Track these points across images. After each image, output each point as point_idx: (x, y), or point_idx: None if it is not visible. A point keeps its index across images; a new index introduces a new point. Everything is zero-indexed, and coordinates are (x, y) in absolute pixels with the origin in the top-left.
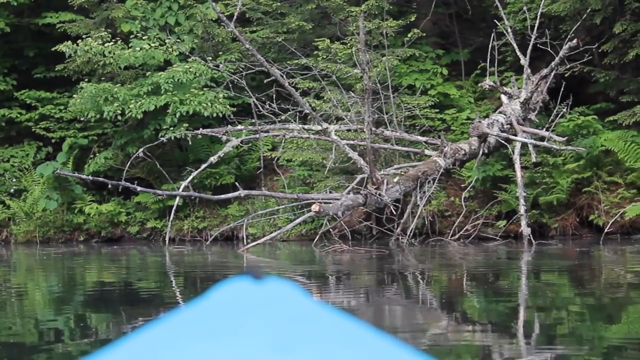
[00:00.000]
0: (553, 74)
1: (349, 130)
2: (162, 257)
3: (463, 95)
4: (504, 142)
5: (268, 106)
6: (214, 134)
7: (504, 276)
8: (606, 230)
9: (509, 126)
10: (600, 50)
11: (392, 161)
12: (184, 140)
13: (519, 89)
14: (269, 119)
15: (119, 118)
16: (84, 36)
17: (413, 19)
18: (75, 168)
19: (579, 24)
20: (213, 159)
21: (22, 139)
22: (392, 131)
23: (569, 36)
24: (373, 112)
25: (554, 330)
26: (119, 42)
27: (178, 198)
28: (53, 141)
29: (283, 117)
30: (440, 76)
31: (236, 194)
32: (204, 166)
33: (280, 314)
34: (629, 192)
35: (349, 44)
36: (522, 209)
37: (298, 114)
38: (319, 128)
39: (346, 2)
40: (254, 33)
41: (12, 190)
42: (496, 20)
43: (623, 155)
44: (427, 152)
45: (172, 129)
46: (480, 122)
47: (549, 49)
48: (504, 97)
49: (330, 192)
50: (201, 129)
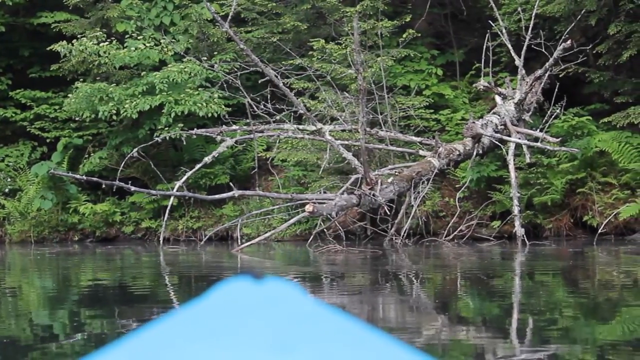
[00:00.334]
0: (547, 74)
1: (343, 131)
2: (156, 257)
3: (458, 96)
4: (498, 142)
5: (263, 106)
6: (208, 134)
7: (497, 276)
8: (600, 231)
9: (503, 127)
10: (594, 51)
11: (387, 161)
12: (179, 141)
13: (513, 89)
14: (264, 119)
15: (114, 118)
16: (79, 36)
17: (408, 19)
18: (70, 168)
19: (573, 24)
20: (207, 159)
21: (17, 138)
22: (387, 131)
23: (564, 37)
24: (368, 112)
25: (547, 331)
26: (114, 42)
27: (172, 198)
28: (48, 141)
29: (278, 118)
30: (435, 77)
31: (230, 194)
32: (198, 166)
33: (280, 314)
34: (623, 193)
35: (343, 44)
36: (516, 209)
37: (293, 114)
38: (314, 128)
39: (341, 2)
40: (249, 33)
41: (6, 190)
42: (491, 21)
43: (617, 156)
44: (421, 152)
45: (167, 129)
46: (474, 122)
47: (544, 49)
48: (498, 98)
49: (324, 192)
50: (196, 129)
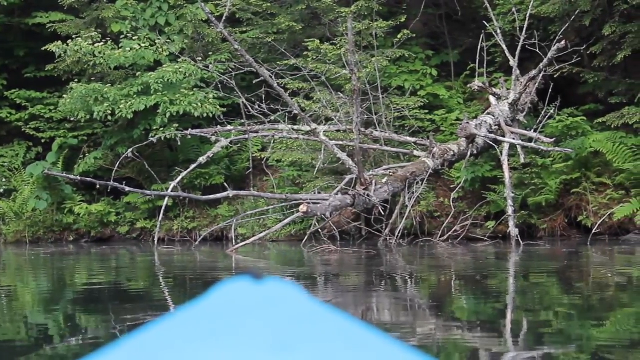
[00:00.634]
0: (542, 75)
1: (338, 131)
2: (151, 257)
3: (452, 96)
4: (492, 143)
5: (258, 107)
6: (203, 134)
7: (492, 277)
8: (594, 231)
9: (497, 127)
10: (589, 52)
11: (382, 162)
12: (174, 141)
13: (507, 90)
14: (259, 120)
15: (109, 118)
16: (74, 36)
17: (403, 20)
18: (65, 168)
19: (567, 25)
20: (202, 159)
21: (12, 138)
22: (382, 132)
23: (558, 37)
24: (362, 112)
25: (542, 330)
26: (109, 43)
27: (167, 198)
28: (43, 141)
29: (272, 118)
30: (429, 77)
31: (224, 194)
32: (192, 167)
33: (280, 314)
34: (618, 193)
35: (338, 45)
36: (510, 209)
37: (287, 114)
38: (308, 129)
39: (336, 3)
40: (244, 34)
41: (1, 190)
42: (485, 22)
43: (612, 157)
44: (416, 153)
45: (162, 129)
46: (468, 123)
47: (538, 50)
48: (492, 98)
49: (319, 192)
50: (191, 129)
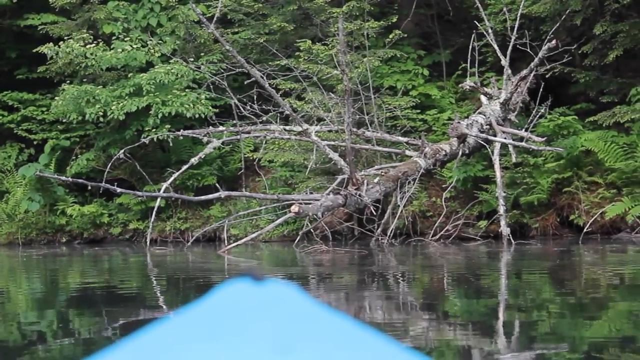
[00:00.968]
0: (533, 74)
1: (330, 131)
2: (144, 258)
3: (444, 96)
4: (483, 142)
5: (249, 107)
6: (195, 135)
7: (484, 276)
8: (586, 230)
9: (488, 127)
10: (580, 51)
11: (374, 162)
12: (166, 142)
13: (499, 89)
14: (251, 120)
15: (101, 119)
16: (65, 38)
17: (394, 20)
18: (58, 169)
19: (558, 24)
20: (194, 160)
21: (4, 140)
22: (373, 132)
23: (549, 37)
24: (354, 113)
25: (534, 329)
26: (101, 44)
27: (160, 199)
28: (35, 143)
29: (264, 118)
30: (421, 77)
31: (216, 195)
32: (184, 168)
33: (281, 315)
34: (609, 192)
35: (330, 45)
36: (502, 209)
37: (279, 115)
38: (300, 129)
39: (327, 3)
40: (235, 34)
41: None
42: (477, 21)
43: (603, 156)
44: (408, 152)
45: (154, 130)
46: (459, 122)
47: (529, 49)
48: (483, 98)
49: (311, 192)
50: (183, 130)
